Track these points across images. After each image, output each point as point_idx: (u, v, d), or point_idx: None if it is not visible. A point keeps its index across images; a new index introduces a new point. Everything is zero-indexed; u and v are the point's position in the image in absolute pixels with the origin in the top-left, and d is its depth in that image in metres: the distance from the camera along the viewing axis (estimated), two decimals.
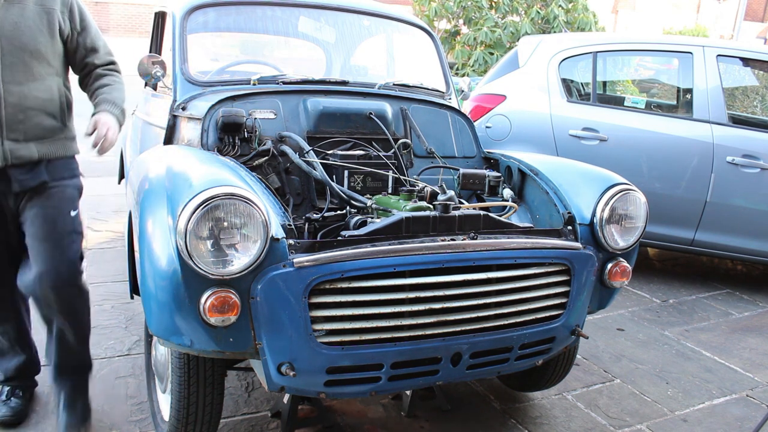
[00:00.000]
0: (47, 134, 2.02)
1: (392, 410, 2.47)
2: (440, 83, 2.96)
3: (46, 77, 1.99)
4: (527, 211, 2.35)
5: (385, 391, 1.94)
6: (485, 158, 2.65)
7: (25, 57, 1.91)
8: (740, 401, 2.77)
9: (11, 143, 1.93)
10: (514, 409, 2.55)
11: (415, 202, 2.02)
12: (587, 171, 2.31)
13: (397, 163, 2.38)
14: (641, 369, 2.99)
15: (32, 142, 1.98)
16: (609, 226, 2.07)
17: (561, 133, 4.16)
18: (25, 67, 1.92)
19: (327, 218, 2.05)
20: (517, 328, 1.93)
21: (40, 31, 1.95)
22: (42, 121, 1.99)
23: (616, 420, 2.53)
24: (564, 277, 2.00)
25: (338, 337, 1.73)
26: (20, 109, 1.93)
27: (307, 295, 1.65)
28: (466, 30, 9.72)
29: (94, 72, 2.17)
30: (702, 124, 3.98)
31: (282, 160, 2.24)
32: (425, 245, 1.77)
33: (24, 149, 1.97)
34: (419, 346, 1.81)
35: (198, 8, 2.64)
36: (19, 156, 1.96)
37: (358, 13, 3.01)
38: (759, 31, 19.07)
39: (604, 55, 4.50)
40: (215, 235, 1.57)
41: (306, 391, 1.82)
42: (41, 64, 1.96)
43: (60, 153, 2.07)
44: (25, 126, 1.95)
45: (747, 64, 4.49)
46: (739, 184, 3.90)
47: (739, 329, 3.57)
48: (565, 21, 9.11)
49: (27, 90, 1.93)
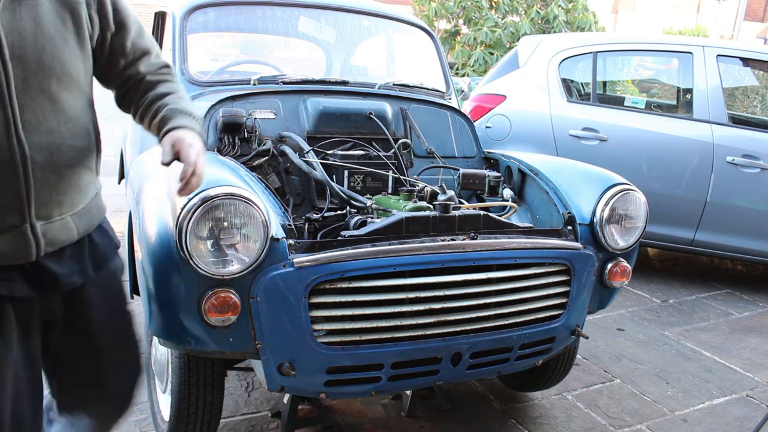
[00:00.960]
0: (84, 197, 1.33)
1: (392, 410, 2.47)
2: (440, 83, 2.96)
3: (80, 111, 1.27)
4: (527, 211, 2.35)
5: (385, 391, 1.94)
6: (485, 158, 2.65)
7: (49, 85, 1.19)
8: (740, 401, 2.77)
9: (43, 224, 1.23)
10: (514, 409, 2.55)
11: (415, 202, 2.02)
12: (587, 171, 2.31)
13: (397, 163, 2.38)
14: (641, 369, 2.99)
15: (69, 214, 1.29)
16: (609, 226, 2.07)
17: (561, 133, 4.16)
18: (51, 101, 1.19)
19: (327, 218, 2.05)
20: (517, 328, 1.93)
21: (65, 39, 1.22)
22: (80, 180, 1.29)
23: (616, 420, 2.53)
24: (564, 277, 2.00)
25: (338, 337, 1.73)
26: (53, 169, 1.21)
27: (307, 295, 1.65)
28: (466, 30, 9.72)
29: (144, 82, 1.44)
30: (702, 124, 3.98)
31: (282, 160, 2.24)
32: (425, 245, 1.77)
33: (61, 229, 1.27)
34: (419, 346, 1.81)
35: (198, 8, 2.64)
36: (55, 241, 1.26)
37: (358, 13, 3.01)
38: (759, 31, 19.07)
39: (604, 55, 4.50)
40: (215, 235, 1.57)
41: (306, 391, 1.82)
42: (72, 92, 1.24)
43: (98, 219, 1.41)
44: (60, 193, 1.25)
45: (747, 64, 4.49)
46: (739, 184, 3.90)
47: (739, 329, 3.57)
48: (565, 21, 9.11)
49: (59, 137, 1.22)
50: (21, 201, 1.18)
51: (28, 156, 1.16)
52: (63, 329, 1.38)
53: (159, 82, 1.45)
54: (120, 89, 1.45)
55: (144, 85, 1.44)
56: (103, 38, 1.34)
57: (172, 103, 1.40)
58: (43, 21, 1.19)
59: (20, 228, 1.20)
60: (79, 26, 1.25)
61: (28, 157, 1.16)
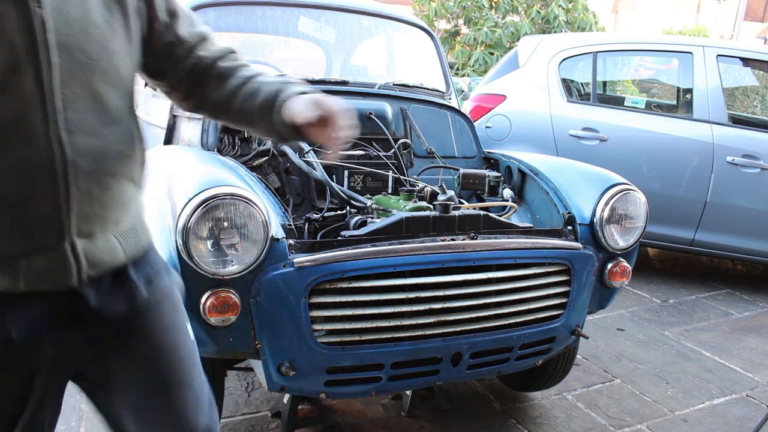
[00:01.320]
0: (127, 213, 1.13)
1: (392, 410, 2.47)
2: (440, 83, 2.96)
3: (125, 113, 1.11)
4: (527, 211, 2.35)
5: (385, 391, 1.94)
6: (485, 158, 2.65)
7: (95, 80, 1.03)
8: (740, 401, 2.77)
9: (84, 242, 1.03)
10: (514, 409, 2.55)
11: (415, 202, 2.02)
12: (587, 171, 2.31)
13: (397, 163, 2.38)
14: (641, 369, 2.99)
15: (112, 232, 1.09)
16: (609, 226, 2.07)
17: (561, 133, 4.16)
18: (96, 99, 1.03)
19: (327, 218, 2.05)
20: (517, 328, 1.93)
21: (113, 31, 1.06)
22: (124, 194, 1.11)
23: (616, 420, 2.53)
24: (564, 277, 2.00)
25: (338, 337, 1.73)
26: (96, 177, 1.04)
27: (307, 295, 1.65)
28: (466, 30, 9.72)
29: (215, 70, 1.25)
30: (702, 124, 3.98)
31: (282, 160, 2.24)
32: (425, 245, 1.78)
33: (105, 248, 1.07)
34: (419, 346, 1.81)
35: (198, 8, 2.64)
36: (98, 262, 1.06)
37: (358, 13, 3.01)
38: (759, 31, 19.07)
39: (604, 55, 4.50)
40: (215, 235, 1.57)
41: (306, 391, 1.82)
42: (118, 91, 1.08)
43: (145, 240, 1.19)
44: (103, 207, 1.06)
45: (747, 64, 4.49)
46: (739, 184, 3.90)
47: (739, 329, 3.57)
48: (565, 21, 9.11)
49: (104, 142, 1.05)
50: (60, 213, 0.99)
51: (69, 160, 0.98)
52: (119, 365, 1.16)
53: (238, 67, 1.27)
54: (182, 83, 1.25)
55: (217, 73, 1.25)
56: (152, 30, 1.16)
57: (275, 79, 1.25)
58: (91, 7, 1.03)
59: (59, 247, 1.00)
60: (126, 17, 1.09)
61: (69, 161, 0.98)
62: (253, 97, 1.22)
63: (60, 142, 0.97)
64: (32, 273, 0.98)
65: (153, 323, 1.17)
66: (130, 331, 1.14)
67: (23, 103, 0.94)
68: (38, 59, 0.94)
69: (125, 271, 1.13)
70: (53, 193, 0.98)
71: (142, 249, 1.17)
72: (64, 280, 1.01)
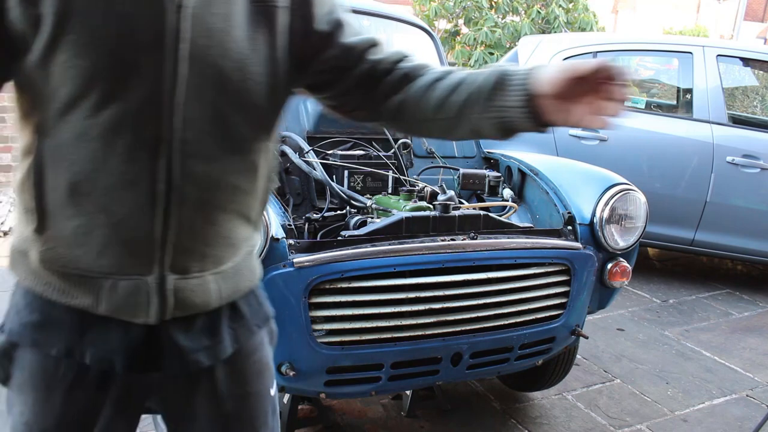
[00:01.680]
0: (234, 254, 1.00)
1: (392, 410, 2.47)
2: None
3: (252, 144, 0.96)
4: (527, 211, 2.35)
5: (385, 391, 1.94)
6: (485, 158, 2.65)
7: (222, 104, 0.90)
8: (740, 401, 2.77)
9: (176, 278, 0.93)
10: (514, 409, 2.55)
11: (415, 202, 2.02)
12: (587, 171, 2.31)
13: (397, 163, 2.38)
14: (641, 369, 2.99)
15: (211, 272, 0.97)
16: (609, 226, 2.07)
17: (561, 133, 4.15)
18: (219, 124, 0.91)
19: (327, 218, 2.05)
20: (517, 328, 1.93)
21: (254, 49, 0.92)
22: (233, 232, 0.98)
23: (616, 420, 2.53)
24: (564, 277, 2.00)
25: (338, 337, 1.73)
26: (204, 210, 0.93)
27: (307, 295, 1.65)
28: (466, 30, 9.72)
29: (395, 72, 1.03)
30: (702, 124, 3.98)
31: (282, 160, 2.24)
32: (425, 245, 1.78)
33: (198, 289, 0.95)
34: (419, 346, 1.81)
35: None
36: (187, 303, 0.95)
37: (358, 13, 3.01)
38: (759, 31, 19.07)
39: (604, 55, 4.49)
40: None
41: (306, 391, 1.82)
42: (246, 118, 0.94)
43: (249, 283, 1.06)
44: (206, 244, 0.95)
45: (747, 64, 4.49)
46: (739, 184, 3.90)
47: (739, 329, 3.57)
48: (566, 21, 9.11)
49: (221, 172, 0.92)
50: (153, 242, 0.89)
51: (176, 185, 0.87)
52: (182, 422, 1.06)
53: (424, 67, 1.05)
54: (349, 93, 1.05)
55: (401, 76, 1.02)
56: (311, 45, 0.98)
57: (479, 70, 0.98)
58: (234, 21, 0.89)
59: (144, 277, 0.90)
60: (273, 35, 0.93)
61: (175, 186, 0.87)
62: (461, 88, 0.97)
63: (169, 164, 0.86)
64: (112, 297, 0.90)
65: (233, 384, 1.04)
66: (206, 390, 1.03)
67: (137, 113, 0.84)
68: (163, 68, 0.84)
69: (217, 317, 1.00)
70: (150, 220, 0.88)
71: (242, 293, 1.04)
72: (143, 313, 0.92)
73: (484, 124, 0.96)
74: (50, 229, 0.89)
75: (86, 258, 0.89)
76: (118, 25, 0.81)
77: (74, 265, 0.90)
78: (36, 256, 0.92)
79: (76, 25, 0.80)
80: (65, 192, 0.86)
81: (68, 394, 0.95)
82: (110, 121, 0.83)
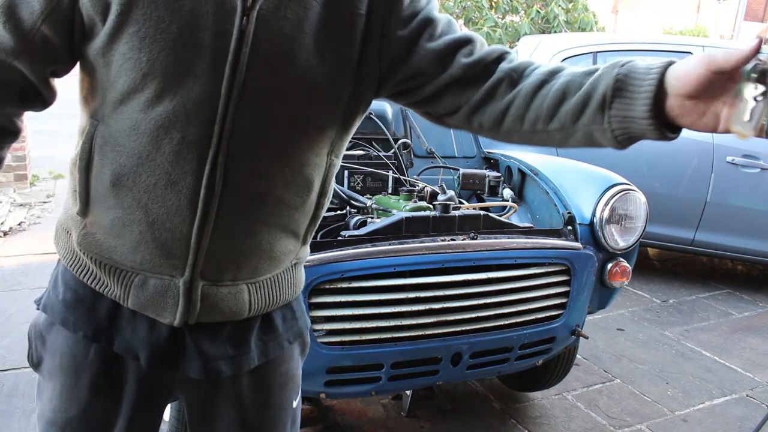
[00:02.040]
0: (274, 267, 0.96)
1: (392, 410, 2.47)
2: None
3: (307, 156, 0.91)
4: (527, 211, 2.35)
5: (385, 391, 1.94)
6: (485, 158, 2.65)
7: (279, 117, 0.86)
8: (740, 401, 2.77)
9: (206, 284, 0.91)
10: (514, 409, 2.55)
11: (415, 202, 2.02)
12: (587, 171, 2.31)
13: (397, 163, 2.38)
14: (641, 369, 2.99)
15: (244, 282, 0.94)
16: (609, 226, 2.07)
17: None
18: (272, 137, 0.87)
19: (327, 218, 2.05)
20: (517, 328, 1.93)
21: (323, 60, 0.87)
22: (275, 246, 0.94)
23: (616, 420, 2.53)
24: (564, 277, 2.00)
25: (338, 337, 1.73)
26: (244, 221, 0.89)
27: (307, 295, 1.65)
28: (466, 30, 9.73)
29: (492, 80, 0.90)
30: None
31: None
32: (425, 245, 1.78)
33: (229, 298, 0.93)
34: (419, 346, 1.81)
35: None
36: (215, 311, 0.93)
37: None
38: (759, 31, 19.08)
39: (604, 55, 4.49)
40: None
41: (306, 391, 1.82)
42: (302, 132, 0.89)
43: (287, 295, 1.02)
44: (242, 254, 0.92)
45: None
46: (739, 184, 3.90)
47: (739, 329, 3.57)
48: (566, 21, 9.11)
49: (266, 182, 0.88)
50: (188, 246, 0.87)
51: (218, 192, 0.84)
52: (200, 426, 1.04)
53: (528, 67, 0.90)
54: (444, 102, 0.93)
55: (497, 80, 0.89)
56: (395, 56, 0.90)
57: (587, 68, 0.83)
58: (305, 27, 0.84)
59: (175, 280, 0.89)
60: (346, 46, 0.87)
61: (217, 193, 0.84)
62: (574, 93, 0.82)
63: (213, 170, 0.83)
64: (141, 293, 0.90)
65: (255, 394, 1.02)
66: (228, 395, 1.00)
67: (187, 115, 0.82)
68: (220, 71, 0.81)
69: (248, 328, 0.97)
70: (187, 223, 0.86)
71: (278, 306, 1.00)
72: (169, 314, 0.90)
73: (603, 136, 0.81)
74: (91, 215, 0.90)
75: (121, 250, 0.89)
76: (180, 22, 0.79)
77: (108, 255, 0.90)
78: (76, 238, 0.92)
79: (139, 17, 0.79)
80: (108, 182, 0.86)
81: (95, 381, 0.95)
82: (162, 118, 0.82)
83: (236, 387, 1.00)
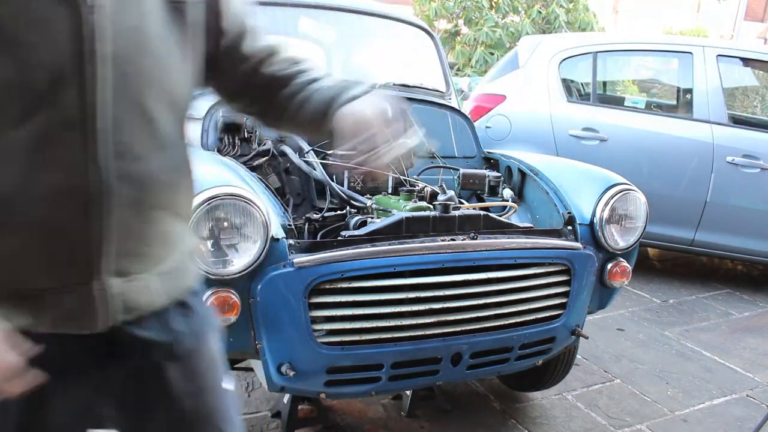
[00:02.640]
0: (172, 251, 1.00)
1: (392, 410, 2.47)
2: (440, 83, 2.96)
3: (175, 138, 0.97)
4: (527, 211, 2.35)
5: (385, 391, 1.94)
6: (485, 158, 2.65)
7: (146, 98, 0.90)
8: (740, 401, 2.77)
9: (119, 282, 0.91)
10: (514, 409, 2.55)
11: (415, 202, 2.02)
12: (587, 171, 2.31)
13: (397, 163, 2.38)
14: (641, 369, 2.99)
15: (153, 272, 0.96)
16: (609, 226, 2.07)
17: (561, 133, 4.15)
18: (146, 119, 0.91)
19: (327, 218, 2.05)
20: (517, 328, 1.93)
21: (168, 45, 0.93)
22: (168, 228, 0.98)
23: (616, 420, 2.53)
24: (564, 277, 2.00)
25: (338, 337, 1.73)
26: (139, 210, 0.92)
27: (307, 295, 1.65)
28: (467, 30, 9.72)
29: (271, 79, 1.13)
30: (702, 124, 3.98)
31: (282, 160, 2.24)
32: (425, 245, 1.78)
33: (142, 290, 0.95)
34: (419, 346, 1.81)
35: None
36: (132, 306, 0.94)
37: (358, 13, 3.01)
38: (759, 31, 19.07)
39: (604, 55, 4.50)
40: (215, 235, 1.57)
41: (306, 391, 1.82)
42: (170, 114, 0.95)
43: (191, 282, 1.07)
44: (144, 243, 0.95)
45: (747, 64, 4.49)
46: (739, 184, 3.90)
47: (739, 329, 3.57)
48: (566, 21, 9.11)
49: (151, 169, 0.92)
50: (92, 249, 0.87)
51: (111, 188, 0.85)
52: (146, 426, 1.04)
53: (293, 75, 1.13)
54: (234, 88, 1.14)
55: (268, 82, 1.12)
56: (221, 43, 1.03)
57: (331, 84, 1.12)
58: (148, 17, 0.89)
59: (88, 285, 0.88)
60: (185, 33, 0.95)
61: (108, 189, 0.85)
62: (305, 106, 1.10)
63: (98, 166, 0.84)
64: (57, 312, 0.88)
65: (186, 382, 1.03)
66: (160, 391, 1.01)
67: (63, 120, 0.82)
68: (84, 71, 0.82)
69: (165, 315, 1.00)
70: (86, 226, 0.85)
71: (185, 292, 1.04)
72: (89, 324, 0.89)
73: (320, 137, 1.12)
74: None
75: (24, 275, 0.86)
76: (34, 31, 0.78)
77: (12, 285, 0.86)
78: None
79: None
80: None
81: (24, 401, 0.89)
82: (36, 129, 0.80)
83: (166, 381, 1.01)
